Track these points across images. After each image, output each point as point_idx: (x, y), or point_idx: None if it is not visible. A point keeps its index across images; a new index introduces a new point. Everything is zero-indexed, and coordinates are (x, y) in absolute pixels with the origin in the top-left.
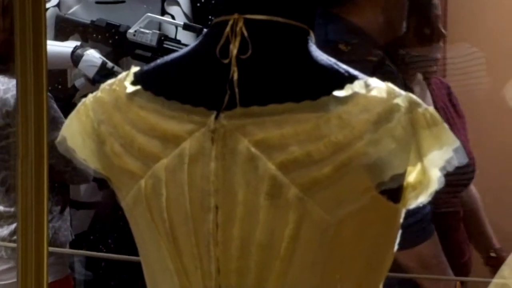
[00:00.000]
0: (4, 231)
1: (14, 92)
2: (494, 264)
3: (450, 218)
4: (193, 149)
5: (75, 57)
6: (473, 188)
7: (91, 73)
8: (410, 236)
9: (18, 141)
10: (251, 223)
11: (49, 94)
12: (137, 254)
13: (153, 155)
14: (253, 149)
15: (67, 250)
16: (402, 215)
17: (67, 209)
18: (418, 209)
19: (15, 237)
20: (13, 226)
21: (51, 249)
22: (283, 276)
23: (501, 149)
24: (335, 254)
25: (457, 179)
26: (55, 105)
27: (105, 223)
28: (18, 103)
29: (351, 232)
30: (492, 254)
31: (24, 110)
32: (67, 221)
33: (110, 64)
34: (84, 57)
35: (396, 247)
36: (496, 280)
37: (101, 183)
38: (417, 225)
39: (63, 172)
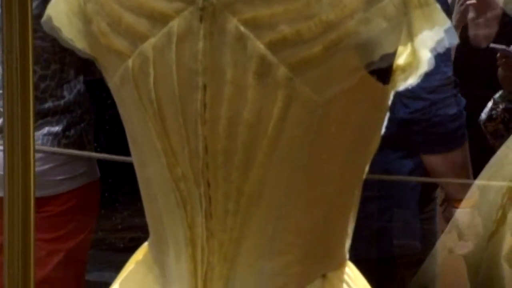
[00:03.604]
0: (56, 127)
1: None
2: None
3: None
4: (181, 28)
5: None
6: None
7: None
8: (449, 141)
9: (3, 36)
10: (239, 102)
11: None
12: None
13: (140, 34)
14: (242, 28)
15: (57, 149)
16: (391, 97)
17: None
18: (459, 115)
19: (67, 133)
20: (64, 121)
21: (37, 147)
22: (270, 155)
23: None
24: (322, 134)
25: None
26: None
27: None
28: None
29: (339, 112)
30: None
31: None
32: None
33: None
34: None
35: (383, 130)
36: (478, 182)
37: (88, 84)
38: (457, 130)
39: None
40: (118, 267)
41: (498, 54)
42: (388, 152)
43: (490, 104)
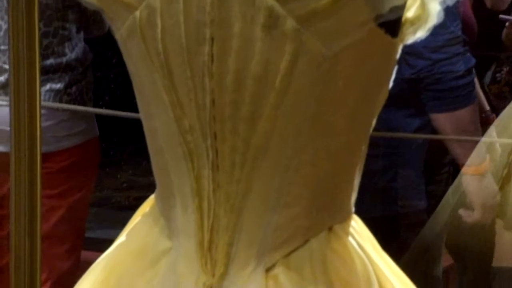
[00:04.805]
0: (58, 84)
1: None
2: (484, 123)
3: None
4: None
5: None
6: None
7: None
8: (454, 99)
9: None
10: (246, 55)
11: None
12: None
13: None
14: None
15: (61, 105)
16: (399, 50)
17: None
18: (466, 74)
19: (69, 90)
20: (66, 78)
21: (44, 103)
22: (277, 108)
23: None
24: (330, 87)
25: None
26: None
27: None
28: None
29: (347, 65)
30: (483, 115)
31: None
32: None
33: None
34: None
35: (391, 83)
36: (484, 139)
37: (93, 42)
38: (463, 89)
39: (92, 18)
40: (122, 225)
41: (507, 24)
42: (395, 110)
43: (493, 66)
